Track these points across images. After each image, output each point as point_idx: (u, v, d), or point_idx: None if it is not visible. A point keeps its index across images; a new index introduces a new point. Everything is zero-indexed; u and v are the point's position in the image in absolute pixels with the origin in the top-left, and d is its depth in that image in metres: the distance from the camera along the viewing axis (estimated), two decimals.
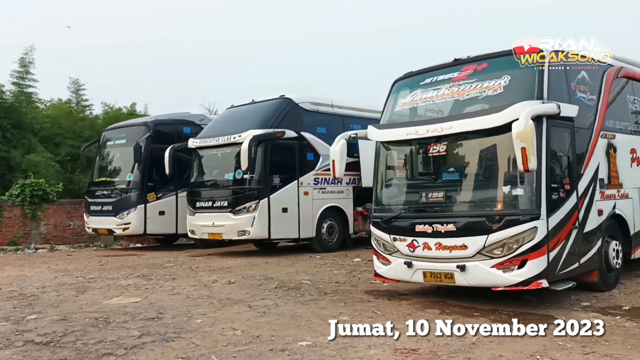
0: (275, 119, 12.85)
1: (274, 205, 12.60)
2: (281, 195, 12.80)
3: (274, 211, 12.61)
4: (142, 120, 16.67)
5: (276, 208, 12.66)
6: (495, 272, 6.69)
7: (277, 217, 12.64)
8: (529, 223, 6.56)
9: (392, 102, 8.33)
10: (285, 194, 12.86)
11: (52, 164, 19.73)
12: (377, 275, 7.98)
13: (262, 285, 8.70)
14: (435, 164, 7.77)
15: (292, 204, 12.97)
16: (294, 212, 12.96)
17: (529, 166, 6.19)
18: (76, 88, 25.39)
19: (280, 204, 12.76)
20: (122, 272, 10.42)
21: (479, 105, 7.21)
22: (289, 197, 12.94)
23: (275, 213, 12.62)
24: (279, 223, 12.69)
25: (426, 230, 7.20)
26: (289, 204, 12.91)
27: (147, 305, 7.38)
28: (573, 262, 7.07)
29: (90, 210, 15.65)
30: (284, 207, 12.82)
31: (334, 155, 8.13)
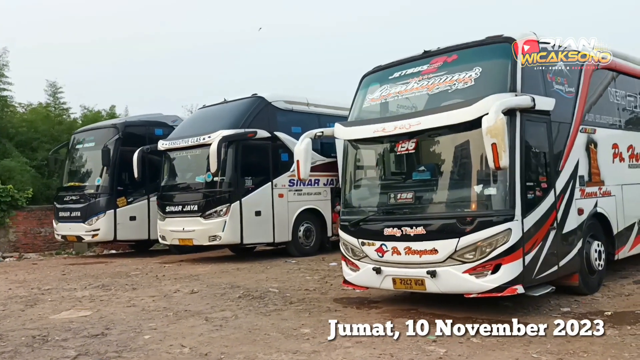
0: (247, 119, 12.31)
1: (246, 208, 12.05)
2: (254, 198, 12.24)
3: (247, 215, 12.06)
4: (111, 122, 16.12)
5: (249, 211, 12.11)
6: (468, 278, 6.23)
7: (249, 221, 12.09)
8: (502, 224, 6.10)
9: (361, 98, 7.85)
10: (258, 196, 12.31)
11: (27, 169, 19.07)
12: (346, 282, 7.50)
13: (225, 295, 8.19)
14: (405, 163, 7.32)
15: (266, 207, 12.42)
16: (268, 215, 12.42)
17: (500, 163, 5.72)
18: (53, 91, 24.74)
19: (253, 207, 12.21)
20: (82, 282, 9.88)
21: (450, 100, 6.74)
22: (263, 200, 12.39)
23: (247, 217, 12.07)
24: (252, 227, 12.15)
25: (395, 233, 6.73)
26: (262, 207, 12.36)
27: (96, 319, 6.86)
28: (551, 265, 6.63)
29: (59, 217, 15.05)
30: (257, 210, 12.27)
31: (299, 155, 7.64)
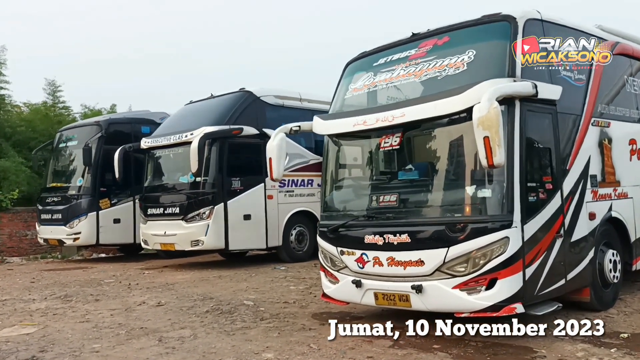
0: (233, 115, 11.44)
1: (232, 211, 11.20)
2: (242, 200, 11.37)
3: (233, 218, 11.21)
4: (95, 119, 15.35)
5: (235, 215, 11.26)
6: (458, 295, 5.34)
7: (236, 225, 11.23)
8: (498, 232, 5.21)
9: (343, 88, 7.00)
10: (246, 198, 11.43)
11: (23, 169, 18.45)
12: (325, 296, 6.64)
13: (192, 308, 7.35)
14: (389, 161, 6.45)
15: (256, 209, 11.56)
16: (258, 219, 11.55)
17: (493, 160, 4.82)
18: (53, 90, 24.23)
19: (241, 210, 11.35)
20: (46, 291, 9.09)
21: (440, 88, 5.84)
22: (252, 202, 11.51)
23: (234, 220, 11.22)
24: (239, 232, 11.28)
25: (376, 241, 5.85)
26: (252, 210, 11.50)
27: (37, 338, 6.06)
28: (558, 279, 5.73)
29: (41, 219, 14.33)
30: (245, 213, 11.42)
31: (271, 152, 6.80)
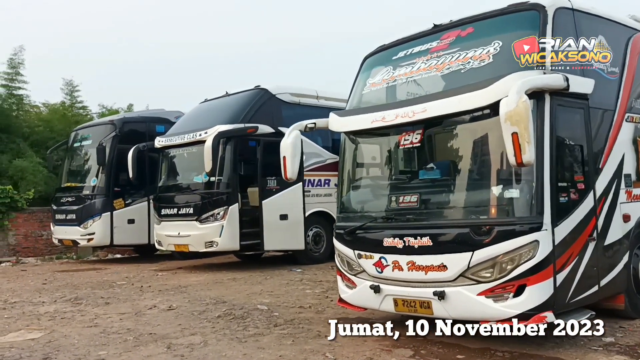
0: (248, 113, 11.16)
1: (267, 211, 10.91)
2: (277, 200, 11.10)
3: (268, 218, 10.92)
4: (109, 119, 15.18)
5: (271, 215, 10.96)
6: (484, 302, 4.99)
7: (271, 225, 10.95)
8: (527, 235, 4.85)
9: (361, 83, 6.69)
10: (281, 198, 11.14)
11: (40, 169, 18.43)
12: (342, 301, 6.32)
13: (204, 313, 7.08)
14: (409, 159, 6.14)
15: (291, 209, 11.26)
16: (292, 218, 11.28)
17: (522, 158, 4.46)
18: (70, 90, 24.22)
19: (275, 210, 11.05)
20: (56, 293, 8.89)
21: (464, 81, 5.48)
22: (287, 202, 11.21)
23: (269, 220, 10.93)
24: (274, 232, 10.98)
25: (396, 244, 5.52)
26: (286, 210, 11.21)
27: (42, 344, 5.82)
28: (590, 285, 5.35)
29: (56, 220, 14.20)
30: (281, 213, 11.13)
31: (285, 150, 6.49)
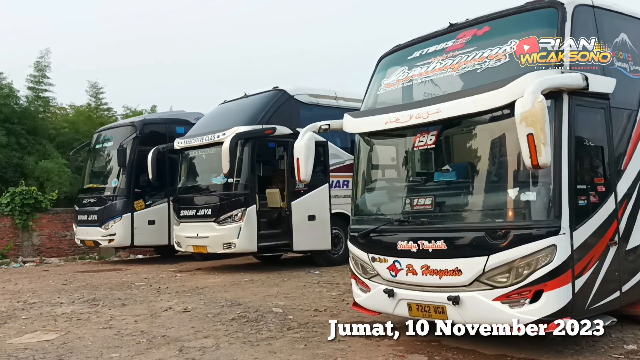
0: (266, 114, 11.12)
1: (296, 212, 10.91)
2: (305, 200, 11.07)
3: (297, 219, 10.93)
4: (130, 120, 15.30)
5: (299, 215, 10.96)
6: (500, 307, 4.85)
7: (300, 226, 10.95)
8: (544, 239, 4.70)
9: (376, 84, 6.57)
10: (309, 199, 11.09)
11: (65, 170, 18.69)
12: (356, 305, 6.24)
13: (218, 315, 7.05)
14: (423, 161, 6.02)
15: (318, 210, 11.18)
16: (320, 219, 11.19)
17: (538, 160, 4.32)
18: (95, 92, 24.53)
19: (304, 211, 11.03)
20: (75, 294, 8.96)
21: (480, 81, 5.35)
22: (315, 203, 11.15)
23: (298, 221, 10.93)
24: (302, 232, 10.98)
25: (410, 248, 5.41)
26: (314, 210, 11.14)
27: (56, 345, 5.85)
28: (612, 291, 5.19)
29: (78, 220, 14.36)
30: (309, 214, 11.09)
31: (299, 152, 6.39)
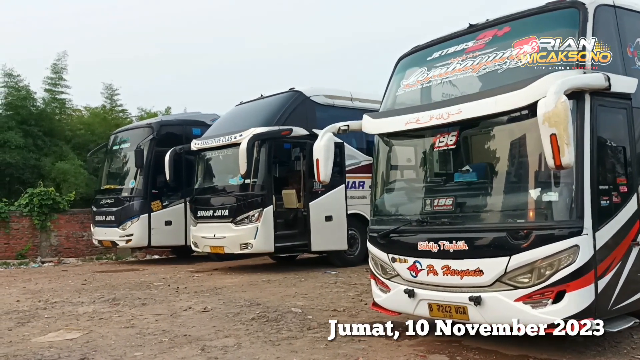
0: (282, 115, 11.18)
1: (314, 212, 11.00)
2: (322, 201, 11.15)
3: (315, 219, 11.02)
4: (147, 122, 15.44)
5: (317, 216, 11.05)
6: (521, 308, 4.85)
7: (318, 227, 11.03)
8: (567, 240, 4.70)
9: (395, 85, 6.61)
10: (326, 199, 11.17)
11: (81, 171, 18.93)
12: (376, 305, 6.26)
13: (238, 315, 7.10)
14: (444, 162, 6.02)
15: (335, 210, 11.26)
16: (337, 219, 11.27)
17: (561, 160, 4.33)
18: (110, 94, 24.77)
19: (321, 212, 11.11)
20: (95, 294, 9.06)
21: (500, 82, 5.36)
22: (332, 203, 11.22)
23: (315, 221, 11.02)
24: (320, 233, 11.07)
25: (431, 248, 5.43)
26: (331, 211, 11.22)
27: (80, 344, 5.93)
28: (635, 292, 5.17)
29: (96, 221, 14.52)
30: (326, 214, 11.16)
31: (318, 152, 6.42)
